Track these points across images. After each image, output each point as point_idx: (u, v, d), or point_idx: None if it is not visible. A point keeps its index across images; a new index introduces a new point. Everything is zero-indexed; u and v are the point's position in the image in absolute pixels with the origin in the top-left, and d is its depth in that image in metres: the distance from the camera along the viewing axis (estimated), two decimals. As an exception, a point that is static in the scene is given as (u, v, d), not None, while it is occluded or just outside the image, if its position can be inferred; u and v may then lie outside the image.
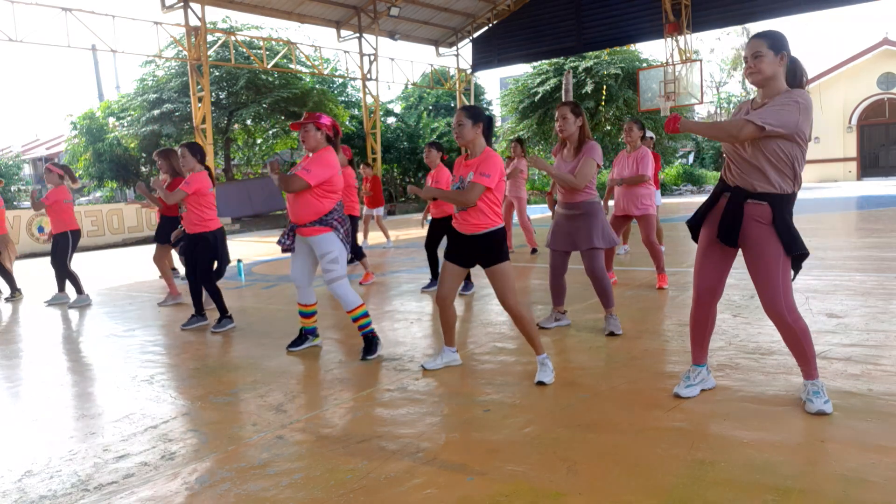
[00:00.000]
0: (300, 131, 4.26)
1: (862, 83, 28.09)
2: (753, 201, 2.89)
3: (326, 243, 4.26)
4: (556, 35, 22.30)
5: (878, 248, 7.94)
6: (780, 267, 2.89)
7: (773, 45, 2.83)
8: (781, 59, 2.84)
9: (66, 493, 2.61)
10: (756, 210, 2.90)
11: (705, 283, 3.11)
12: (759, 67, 2.83)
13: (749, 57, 2.86)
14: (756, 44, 2.84)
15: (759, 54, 2.83)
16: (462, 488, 2.45)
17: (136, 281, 9.31)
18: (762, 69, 2.83)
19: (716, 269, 3.09)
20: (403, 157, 28.79)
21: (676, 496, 2.29)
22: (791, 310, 2.91)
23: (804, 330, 2.95)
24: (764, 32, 2.90)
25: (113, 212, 17.49)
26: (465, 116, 3.64)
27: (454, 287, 3.84)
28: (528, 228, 9.36)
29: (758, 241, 2.90)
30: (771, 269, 2.89)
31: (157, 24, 17.20)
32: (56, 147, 37.31)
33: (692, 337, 3.26)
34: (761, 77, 2.85)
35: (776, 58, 2.83)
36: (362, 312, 4.35)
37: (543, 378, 3.55)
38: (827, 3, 18.71)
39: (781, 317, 2.91)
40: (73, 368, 4.59)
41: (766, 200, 2.88)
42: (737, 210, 2.91)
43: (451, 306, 3.89)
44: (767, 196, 2.87)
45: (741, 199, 2.91)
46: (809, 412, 2.91)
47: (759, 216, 2.89)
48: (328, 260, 4.27)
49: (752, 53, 2.85)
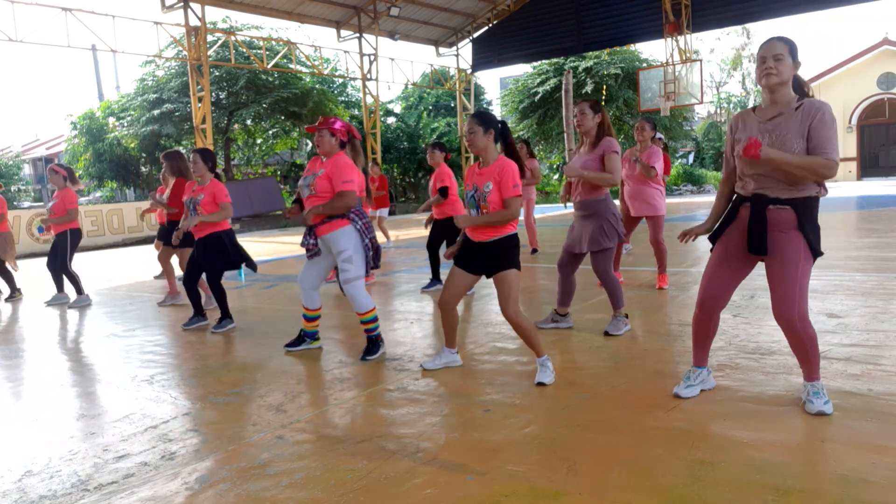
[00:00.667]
0: (315, 135, 4.26)
1: (862, 83, 28.10)
2: (775, 207, 2.86)
3: (343, 240, 4.21)
4: (556, 35, 22.30)
5: (878, 248, 7.94)
6: (799, 273, 2.85)
7: (793, 52, 2.83)
8: (795, 67, 2.86)
9: (66, 493, 2.61)
10: (778, 215, 2.86)
11: (713, 291, 3.07)
12: (779, 69, 2.81)
13: (769, 58, 2.82)
14: (779, 45, 2.83)
15: (780, 57, 2.81)
16: (462, 488, 2.45)
17: (136, 281, 9.31)
18: (781, 72, 2.82)
19: (728, 280, 3.06)
20: (403, 157, 28.79)
21: (676, 496, 2.29)
22: (802, 317, 2.87)
23: (812, 338, 2.90)
24: (784, 37, 2.88)
25: (113, 212, 17.49)
26: (476, 123, 3.60)
27: (458, 294, 3.82)
28: (532, 229, 9.50)
29: (781, 247, 2.86)
30: (790, 274, 2.85)
31: (157, 24, 17.20)
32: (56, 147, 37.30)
33: (694, 340, 3.25)
34: (778, 80, 2.83)
35: (793, 64, 2.84)
36: (372, 317, 4.32)
37: (544, 379, 3.55)
38: (827, 3, 18.71)
39: (792, 324, 2.87)
40: (74, 368, 4.59)
41: (789, 205, 2.85)
42: (761, 217, 2.87)
43: (454, 310, 3.88)
44: (790, 201, 2.85)
45: (763, 205, 2.87)
46: (809, 412, 2.91)
47: (783, 221, 2.86)
48: (342, 259, 4.23)
49: (773, 55, 2.82)
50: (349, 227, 4.24)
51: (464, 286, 3.79)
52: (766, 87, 2.88)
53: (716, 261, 3.09)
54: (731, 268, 3.04)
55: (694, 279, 6.53)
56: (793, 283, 2.85)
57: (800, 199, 2.85)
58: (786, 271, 2.86)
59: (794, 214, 2.84)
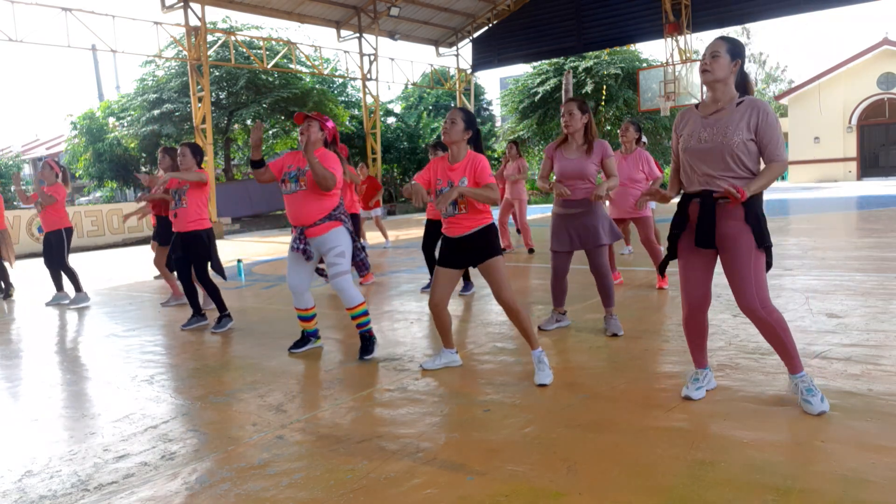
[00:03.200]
0: (303, 124, 4.27)
1: (862, 83, 28.07)
2: (724, 201, 2.92)
3: (336, 237, 4.29)
4: (556, 35, 22.30)
5: (878, 248, 7.93)
6: (752, 261, 2.92)
7: (732, 50, 2.94)
8: (735, 66, 2.95)
9: (66, 493, 2.61)
10: (727, 210, 2.93)
11: (694, 293, 3.13)
12: (713, 67, 2.93)
13: (706, 55, 2.95)
14: (717, 44, 2.94)
15: (716, 54, 2.92)
16: (462, 488, 2.45)
17: (136, 281, 9.31)
18: (715, 70, 2.93)
19: (703, 278, 3.11)
20: (403, 157, 28.80)
21: (676, 496, 2.29)
22: (764, 303, 2.94)
23: (779, 321, 2.96)
24: (725, 36, 3.00)
25: (113, 212, 17.50)
26: (460, 117, 3.71)
27: (447, 293, 3.85)
28: (526, 229, 9.51)
29: (730, 238, 2.94)
30: (743, 264, 2.92)
31: (157, 24, 17.20)
32: (56, 147, 37.31)
33: (691, 345, 3.27)
34: (712, 78, 2.94)
35: (731, 63, 2.94)
36: (362, 311, 4.35)
37: (544, 380, 3.55)
38: (827, 3, 18.72)
39: (754, 311, 2.94)
40: (74, 368, 4.59)
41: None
42: (709, 212, 2.95)
43: (445, 310, 3.90)
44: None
45: (712, 200, 2.95)
46: (811, 413, 2.91)
47: (731, 214, 2.93)
48: (335, 254, 4.28)
49: (710, 52, 2.94)
50: (341, 228, 4.33)
51: (451, 284, 3.85)
52: (703, 83, 3.01)
53: (683, 264, 3.15)
54: (699, 266, 3.10)
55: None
56: (748, 272, 2.92)
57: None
58: (740, 262, 2.93)
59: (742, 208, 2.91)
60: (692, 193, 3.05)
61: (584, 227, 4.53)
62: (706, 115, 3.00)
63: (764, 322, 2.95)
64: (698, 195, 3.00)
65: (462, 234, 3.72)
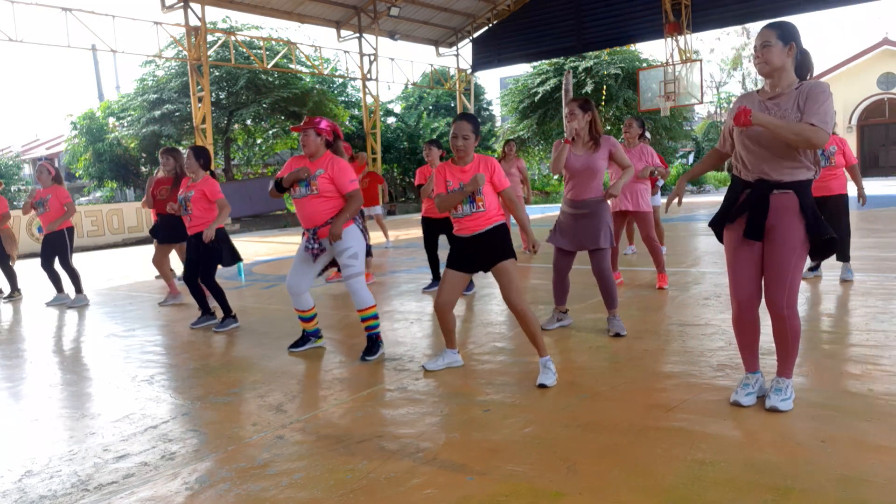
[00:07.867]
0: (301, 134, 4.29)
1: (862, 83, 28.10)
2: (779, 191, 2.85)
3: (348, 238, 4.27)
4: (556, 35, 22.31)
5: (878, 248, 7.93)
6: (795, 258, 2.85)
7: (783, 36, 2.81)
8: (790, 50, 2.82)
9: (66, 493, 2.61)
10: (782, 200, 2.86)
11: (745, 287, 3.00)
12: (767, 58, 2.81)
13: (758, 47, 2.84)
14: (766, 33, 2.82)
15: (767, 44, 2.81)
16: (462, 488, 2.45)
17: (136, 281, 9.32)
18: (770, 59, 2.81)
19: (755, 273, 2.99)
20: (403, 157, 28.79)
21: (676, 496, 2.29)
22: (790, 306, 2.89)
23: (796, 328, 2.92)
24: (774, 22, 2.87)
25: (113, 212, 17.50)
26: (470, 130, 3.70)
27: (455, 296, 3.84)
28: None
29: (781, 230, 2.85)
30: (786, 258, 2.85)
31: (157, 24, 17.20)
32: (56, 147, 37.29)
33: (741, 345, 3.13)
34: (769, 68, 2.83)
35: (785, 48, 2.81)
36: (373, 314, 4.34)
37: (545, 381, 3.54)
38: (827, 3, 18.72)
39: (779, 310, 2.89)
40: (73, 368, 4.59)
41: (791, 188, 2.85)
42: (762, 202, 2.86)
43: (451, 312, 3.89)
44: (792, 184, 2.85)
45: (766, 190, 2.86)
46: (766, 407, 2.93)
47: (786, 205, 2.85)
48: (348, 255, 4.27)
49: (760, 43, 2.83)
50: (353, 227, 4.32)
51: (459, 287, 3.84)
52: (761, 75, 2.90)
53: (732, 255, 3.03)
54: (748, 261, 2.99)
55: (694, 279, 6.53)
56: (787, 267, 2.86)
57: (799, 183, 2.85)
58: (784, 256, 2.86)
59: (795, 199, 2.84)
60: (746, 182, 2.94)
61: (585, 228, 4.54)
62: (766, 99, 2.90)
63: (783, 322, 2.91)
64: (752, 184, 2.91)
65: (476, 231, 3.70)
